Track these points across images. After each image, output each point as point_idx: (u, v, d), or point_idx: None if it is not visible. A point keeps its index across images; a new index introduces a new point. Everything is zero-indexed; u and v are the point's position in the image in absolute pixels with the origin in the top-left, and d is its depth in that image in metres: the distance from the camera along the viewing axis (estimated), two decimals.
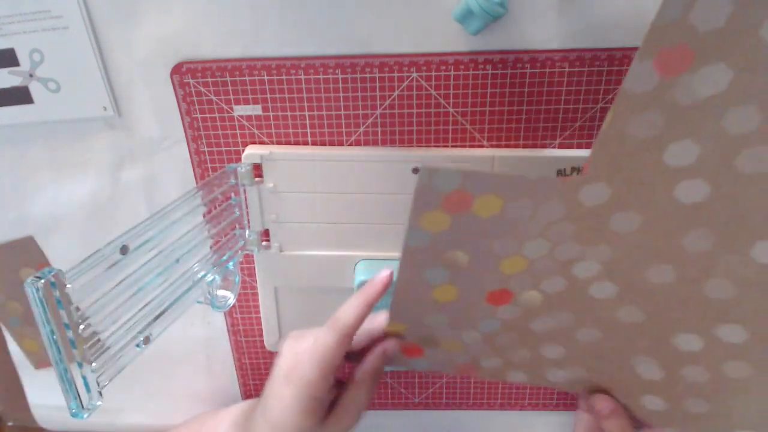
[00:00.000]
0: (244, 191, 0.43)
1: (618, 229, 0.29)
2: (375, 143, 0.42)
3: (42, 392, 0.57)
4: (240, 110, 0.42)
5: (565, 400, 0.54)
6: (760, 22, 0.22)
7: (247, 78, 0.40)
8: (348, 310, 0.33)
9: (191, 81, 0.41)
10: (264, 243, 0.45)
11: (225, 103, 0.42)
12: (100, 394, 0.31)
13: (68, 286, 0.28)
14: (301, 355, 0.34)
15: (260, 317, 0.49)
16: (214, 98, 0.42)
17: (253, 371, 0.53)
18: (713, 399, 0.33)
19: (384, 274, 0.35)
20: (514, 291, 0.32)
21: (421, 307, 0.33)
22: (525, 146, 0.42)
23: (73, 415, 0.30)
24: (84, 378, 0.30)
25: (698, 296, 0.29)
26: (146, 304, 0.35)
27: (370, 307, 0.34)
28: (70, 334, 0.29)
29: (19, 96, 0.41)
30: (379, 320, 0.36)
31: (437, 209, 0.27)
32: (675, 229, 0.28)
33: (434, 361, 0.37)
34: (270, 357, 0.52)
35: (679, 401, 0.34)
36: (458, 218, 0.28)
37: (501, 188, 0.27)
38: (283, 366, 0.35)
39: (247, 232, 0.45)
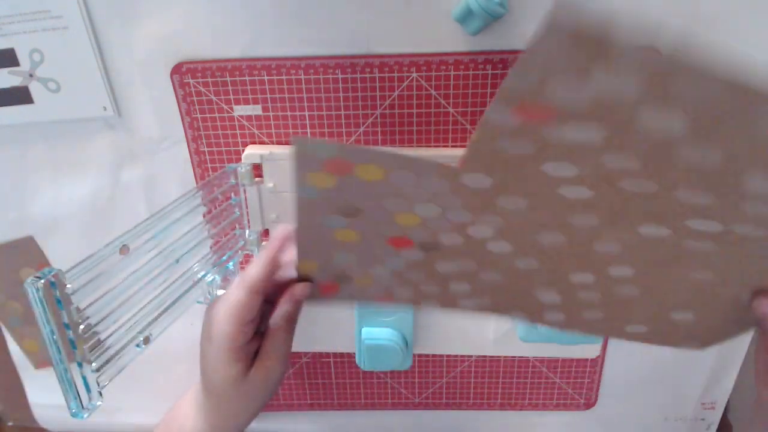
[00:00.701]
0: (244, 191, 0.43)
1: (505, 206, 0.29)
2: (375, 143, 0.42)
3: (42, 392, 0.57)
4: (240, 110, 0.42)
5: (565, 401, 0.54)
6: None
7: (247, 78, 0.40)
8: (254, 266, 0.35)
9: (191, 81, 0.41)
10: (264, 243, 0.45)
11: (225, 103, 0.42)
12: (100, 394, 0.31)
13: (68, 286, 0.28)
14: (216, 315, 0.36)
15: None
16: (214, 98, 0.41)
17: None
18: (607, 309, 0.36)
19: (280, 229, 0.37)
20: (413, 239, 0.33)
21: (326, 246, 0.34)
22: None
23: (73, 415, 0.30)
24: (84, 378, 0.30)
25: (587, 252, 0.31)
26: (146, 304, 0.35)
27: (274, 260, 0.36)
28: (70, 334, 0.29)
29: (19, 96, 0.41)
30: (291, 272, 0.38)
31: (320, 171, 0.28)
32: (564, 212, 0.29)
33: (351, 295, 0.38)
34: None
35: (578, 313, 0.37)
36: (343, 179, 0.29)
37: (380, 160, 0.28)
38: (205, 328, 0.38)
39: (247, 232, 0.45)
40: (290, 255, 0.36)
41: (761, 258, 0.30)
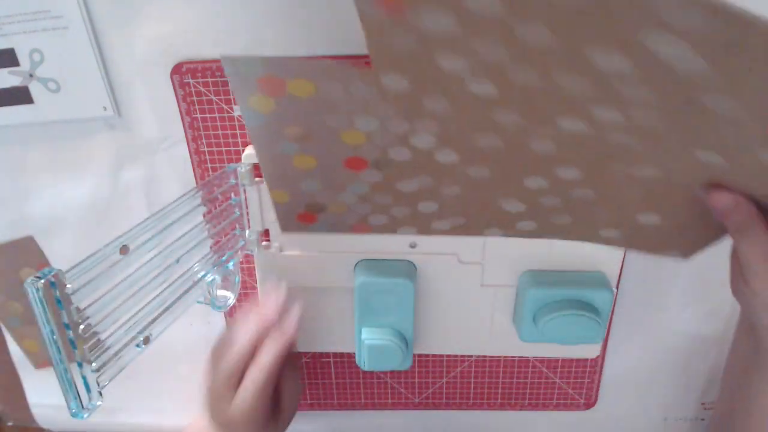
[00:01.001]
0: (244, 191, 0.43)
1: (432, 108, 0.30)
2: None
3: (42, 392, 0.57)
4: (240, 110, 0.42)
5: (565, 401, 0.54)
6: None
7: None
8: (268, 354, 0.39)
9: (191, 81, 0.41)
10: (264, 243, 0.45)
11: (225, 103, 0.42)
12: (100, 394, 0.31)
13: (68, 286, 0.28)
14: (238, 399, 0.39)
15: None
16: (214, 98, 0.42)
17: None
18: (573, 213, 0.37)
19: (271, 302, 0.41)
20: (366, 158, 0.34)
21: (289, 174, 0.35)
22: None
23: (73, 415, 0.30)
24: (84, 378, 0.30)
25: (527, 152, 0.32)
26: (146, 304, 0.35)
27: (288, 340, 0.40)
28: (70, 334, 0.29)
29: (19, 96, 0.41)
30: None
31: (257, 93, 0.30)
32: (484, 110, 0.30)
33: (329, 224, 0.40)
34: None
35: (546, 219, 0.38)
36: (280, 100, 0.30)
37: (306, 73, 0.29)
38: (217, 403, 0.41)
39: (247, 232, 0.45)
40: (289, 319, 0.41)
41: (688, 148, 0.29)
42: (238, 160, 0.43)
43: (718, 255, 0.47)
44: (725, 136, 0.27)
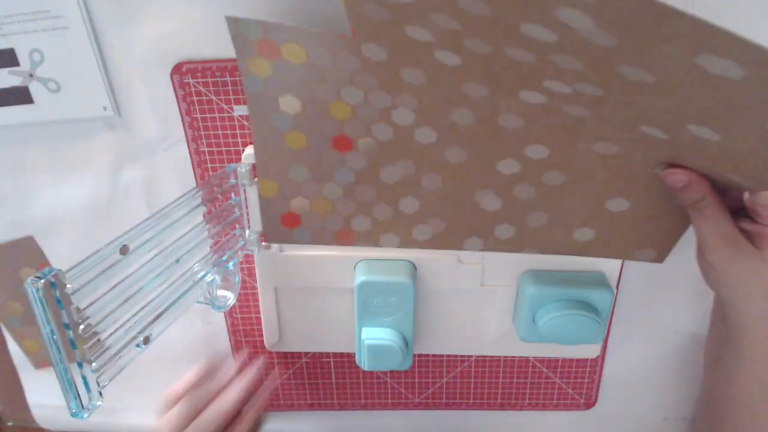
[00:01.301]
0: (244, 191, 0.43)
1: (410, 81, 0.34)
2: None
3: (42, 392, 0.57)
4: (240, 110, 0.42)
5: (565, 401, 0.54)
6: None
7: None
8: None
9: (191, 81, 0.41)
10: (264, 243, 0.45)
11: (225, 103, 0.42)
12: (100, 394, 0.31)
13: (68, 286, 0.28)
14: None
15: (260, 317, 0.49)
16: (214, 98, 0.42)
17: None
18: (547, 207, 0.39)
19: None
20: (351, 137, 0.38)
21: (279, 155, 0.39)
22: None
23: (73, 415, 0.30)
24: (84, 378, 0.30)
25: (497, 129, 0.35)
26: (146, 304, 0.35)
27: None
28: (70, 334, 0.29)
29: (19, 96, 0.41)
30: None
31: (255, 56, 0.34)
32: (454, 81, 0.33)
33: (313, 229, 0.42)
34: (270, 357, 0.52)
35: (523, 220, 0.40)
36: (276, 65, 0.35)
37: (298, 38, 0.34)
38: None
39: (247, 232, 0.45)
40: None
41: (632, 122, 0.32)
42: (238, 160, 0.43)
43: None
44: (656, 110, 0.29)
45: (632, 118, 0.31)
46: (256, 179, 0.42)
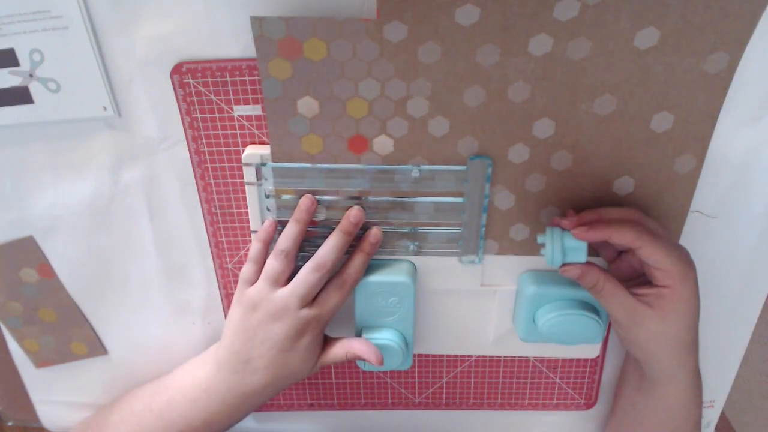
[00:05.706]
0: (245, 191, 0.43)
1: (426, 60, 0.36)
2: None
3: (43, 392, 0.57)
4: (240, 110, 0.42)
5: (565, 401, 0.54)
6: None
7: (247, 78, 0.40)
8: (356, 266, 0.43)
9: (191, 81, 0.41)
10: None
11: (225, 103, 0.42)
12: None
13: None
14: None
15: None
16: (214, 98, 0.42)
17: None
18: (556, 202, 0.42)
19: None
20: (367, 137, 0.39)
21: (296, 161, 0.40)
22: None
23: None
24: None
25: (506, 104, 0.37)
26: None
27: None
28: None
29: (19, 96, 0.41)
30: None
31: (277, 57, 0.36)
32: (467, 50, 0.35)
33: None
34: None
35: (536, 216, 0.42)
36: (296, 64, 0.36)
37: (320, 31, 0.35)
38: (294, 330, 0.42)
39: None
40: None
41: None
42: (238, 160, 0.43)
43: (714, 256, 0.47)
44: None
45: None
46: (256, 179, 0.42)
